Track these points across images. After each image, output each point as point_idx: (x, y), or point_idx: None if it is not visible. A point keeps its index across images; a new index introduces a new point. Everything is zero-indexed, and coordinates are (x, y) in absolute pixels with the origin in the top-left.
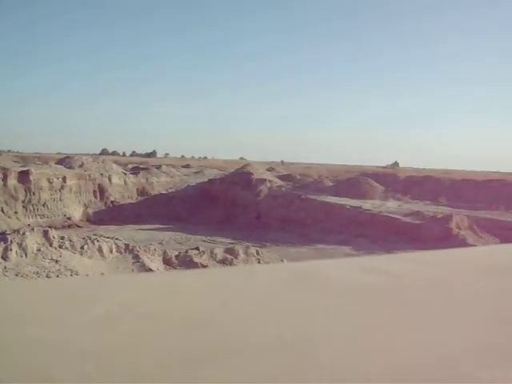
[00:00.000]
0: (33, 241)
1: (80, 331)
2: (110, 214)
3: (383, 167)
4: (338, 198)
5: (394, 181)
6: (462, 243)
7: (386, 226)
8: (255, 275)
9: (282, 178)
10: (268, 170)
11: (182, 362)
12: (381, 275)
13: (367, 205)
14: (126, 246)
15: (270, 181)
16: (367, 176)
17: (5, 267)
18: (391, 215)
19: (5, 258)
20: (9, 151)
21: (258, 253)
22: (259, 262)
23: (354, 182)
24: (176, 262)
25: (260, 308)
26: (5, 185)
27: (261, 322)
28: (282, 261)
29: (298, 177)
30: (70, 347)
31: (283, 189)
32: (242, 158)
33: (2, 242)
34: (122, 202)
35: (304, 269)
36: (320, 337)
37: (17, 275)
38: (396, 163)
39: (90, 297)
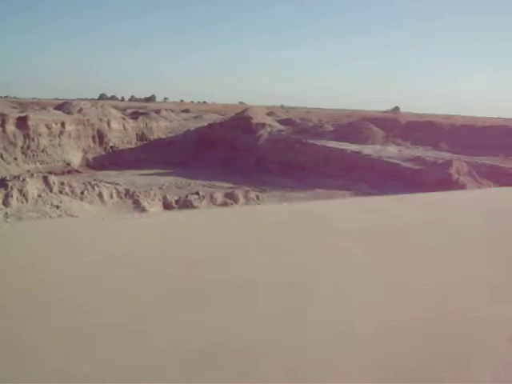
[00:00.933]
0: (33, 187)
1: (74, 276)
2: (110, 160)
3: (384, 112)
4: (338, 142)
5: (394, 126)
6: (462, 189)
7: (386, 172)
8: (259, 215)
9: (281, 122)
10: (268, 114)
11: (189, 294)
12: (382, 216)
13: (367, 150)
14: (126, 191)
15: (269, 125)
16: (368, 121)
17: (6, 213)
18: (391, 160)
19: (6, 204)
20: (6, 97)
21: (257, 197)
22: None
23: (354, 126)
24: (176, 206)
25: (262, 247)
26: (3, 131)
27: (263, 260)
28: (282, 204)
29: (298, 121)
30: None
31: (283, 133)
32: (241, 103)
33: (3, 189)
34: (121, 148)
35: (306, 209)
36: (321, 275)
37: (18, 220)
38: (397, 108)
39: (88, 241)
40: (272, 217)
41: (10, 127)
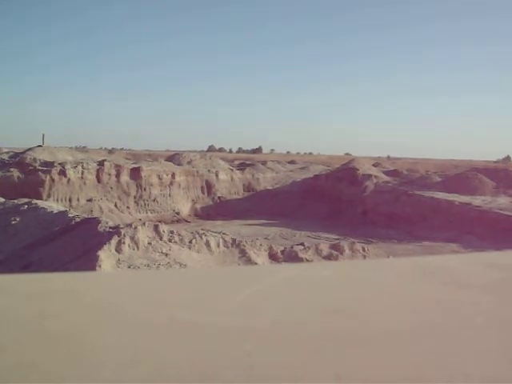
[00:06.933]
0: (144, 234)
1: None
2: (217, 210)
3: (494, 162)
4: (446, 194)
5: (506, 176)
6: None
7: (497, 224)
8: (380, 268)
9: (388, 173)
10: (374, 165)
11: (332, 345)
12: (506, 270)
13: (477, 201)
14: (233, 240)
15: (375, 176)
16: (477, 171)
17: (118, 259)
18: (503, 212)
19: (118, 250)
20: (121, 149)
21: (363, 249)
22: (365, 259)
23: (462, 177)
24: (281, 257)
25: (392, 299)
26: (118, 181)
27: (396, 311)
28: (389, 257)
29: (405, 172)
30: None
31: (389, 184)
32: (347, 154)
33: (116, 236)
34: (228, 198)
35: (427, 263)
36: (458, 326)
37: (129, 267)
38: (508, 158)
39: (229, 284)
40: (395, 270)
41: (124, 177)
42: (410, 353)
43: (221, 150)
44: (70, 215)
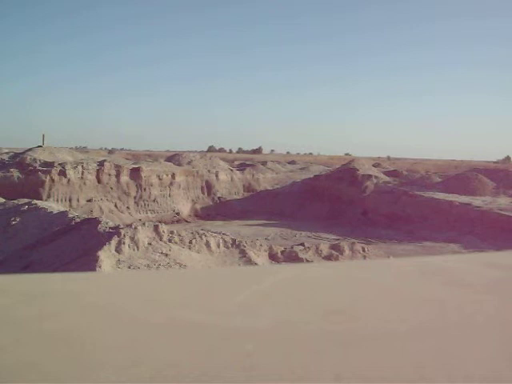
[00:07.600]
0: (144, 235)
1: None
2: (217, 210)
3: (494, 162)
4: (446, 194)
5: (506, 176)
6: None
7: (497, 224)
8: (380, 269)
9: (388, 173)
10: (374, 165)
11: (330, 345)
12: (506, 269)
13: (477, 201)
14: (233, 240)
15: (376, 177)
16: (477, 171)
17: (118, 260)
18: (503, 212)
19: (118, 251)
20: (121, 149)
21: (363, 249)
22: (365, 259)
23: (462, 177)
24: (281, 257)
25: (392, 299)
26: (118, 181)
27: (396, 311)
28: (389, 258)
29: (405, 172)
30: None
31: (390, 185)
32: (347, 154)
33: (116, 236)
34: (228, 198)
35: (428, 263)
36: (458, 325)
37: (129, 267)
38: (508, 158)
39: (229, 285)
40: (395, 270)
41: (124, 178)
42: (410, 353)
43: (221, 150)
44: (69, 215)
